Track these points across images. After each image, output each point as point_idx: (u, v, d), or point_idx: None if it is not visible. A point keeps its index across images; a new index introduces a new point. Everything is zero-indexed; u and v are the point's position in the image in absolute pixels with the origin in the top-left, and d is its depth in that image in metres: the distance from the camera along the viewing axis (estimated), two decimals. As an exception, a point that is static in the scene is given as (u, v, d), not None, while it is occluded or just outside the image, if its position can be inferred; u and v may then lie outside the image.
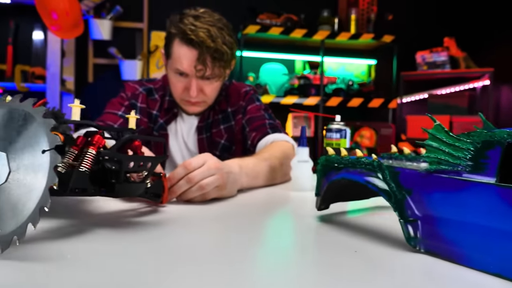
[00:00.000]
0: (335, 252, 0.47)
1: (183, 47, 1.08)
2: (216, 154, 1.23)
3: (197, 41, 1.05)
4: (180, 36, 1.08)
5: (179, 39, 1.09)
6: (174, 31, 1.10)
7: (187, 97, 1.14)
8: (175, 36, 1.10)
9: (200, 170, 0.72)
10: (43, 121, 0.43)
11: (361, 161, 0.55)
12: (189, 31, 1.05)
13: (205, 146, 1.23)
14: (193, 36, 1.05)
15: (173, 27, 1.10)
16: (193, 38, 1.05)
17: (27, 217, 0.41)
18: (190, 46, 1.07)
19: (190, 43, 1.07)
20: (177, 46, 1.09)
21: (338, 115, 0.94)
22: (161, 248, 0.47)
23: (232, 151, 1.24)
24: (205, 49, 1.06)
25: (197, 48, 1.06)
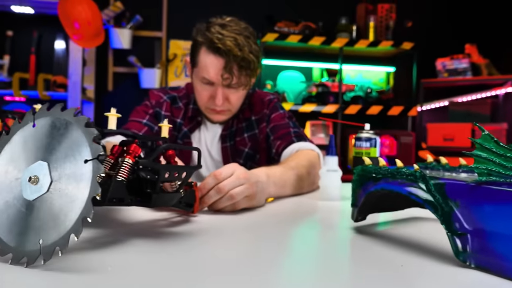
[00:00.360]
0: (379, 266, 0.45)
1: (210, 56, 1.08)
2: (240, 162, 1.22)
3: (224, 50, 1.05)
4: (207, 44, 1.08)
5: (205, 47, 1.09)
6: (200, 39, 1.10)
7: (213, 105, 1.14)
8: (201, 44, 1.10)
9: (229, 180, 0.71)
10: (85, 131, 0.43)
11: (402, 172, 0.54)
12: (216, 39, 1.05)
13: (229, 154, 1.23)
14: (220, 45, 1.05)
15: (200, 36, 1.10)
16: (220, 47, 1.05)
17: (70, 228, 0.40)
18: (217, 55, 1.07)
19: (217, 52, 1.06)
20: (204, 54, 1.09)
21: (367, 124, 0.92)
22: (195, 259, 0.46)
23: (256, 159, 1.23)
24: (232, 57, 1.05)
25: (224, 57, 1.06)
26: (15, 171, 0.45)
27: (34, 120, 0.46)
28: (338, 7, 3.17)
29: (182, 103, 1.24)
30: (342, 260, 0.48)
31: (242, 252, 0.51)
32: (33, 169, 0.43)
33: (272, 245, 0.54)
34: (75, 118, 0.44)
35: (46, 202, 0.42)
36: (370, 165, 0.60)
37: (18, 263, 0.41)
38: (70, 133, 0.43)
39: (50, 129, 0.44)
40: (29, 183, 0.43)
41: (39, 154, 0.44)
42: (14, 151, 0.46)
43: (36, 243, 0.41)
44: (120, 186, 0.49)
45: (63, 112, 0.45)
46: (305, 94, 3.01)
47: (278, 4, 3.12)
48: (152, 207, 0.54)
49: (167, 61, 2.99)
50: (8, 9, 2.66)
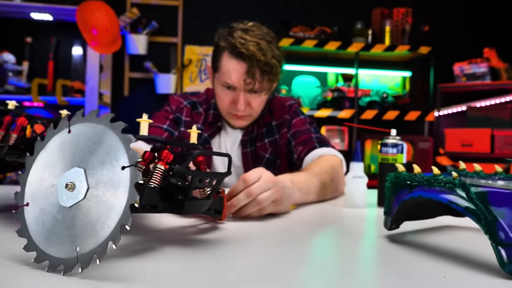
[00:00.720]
0: (420, 277, 0.43)
1: (232, 61, 1.07)
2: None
3: (247, 55, 1.04)
4: (229, 49, 1.08)
5: (228, 52, 1.08)
6: (223, 44, 1.09)
7: (234, 110, 1.13)
8: (224, 49, 1.09)
9: (258, 184, 0.70)
10: (122, 137, 0.42)
11: (439, 179, 0.52)
12: (239, 44, 1.05)
13: (249, 160, 1.22)
14: (243, 50, 1.04)
15: (222, 41, 1.10)
16: (243, 52, 1.04)
17: (108, 235, 0.39)
18: (240, 60, 1.06)
19: (239, 57, 1.06)
20: (226, 59, 1.09)
21: (393, 129, 0.90)
22: (229, 268, 0.45)
23: (277, 165, 1.22)
24: (255, 62, 1.05)
25: (247, 62, 1.05)
26: (50, 177, 0.45)
27: (70, 126, 0.46)
28: (353, 12, 3.15)
29: (202, 109, 1.24)
30: (380, 271, 0.47)
31: (274, 260, 0.50)
32: (69, 176, 0.43)
33: (303, 254, 0.53)
34: (112, 124, 0.43)
35: (83, 209, 0.41)
36: (404, 172, 0.59)
37: (55, 270, 0.41)
38: (106, 139, 0.43)
39: (85, 135, 0.44)
40: (66, 190, 0.42)
41: (75, 160, 0.44)
42: (49, 158, 0.45)
43: (73, 250, 0.41)
44: (153, 192, 0.49)
45: (99, 118, 0.44)
46: (320, 99, 2.99)
47: (293, 9, 3.12)
48: (183, 214, 0.53)
49: (182, 67, 3.00)
50: (27, 16, 2.71)
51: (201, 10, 3.04)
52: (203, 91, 1.30)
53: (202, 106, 1.25)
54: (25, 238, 0.44)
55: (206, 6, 3.04)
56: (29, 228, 0.44)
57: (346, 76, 3.08)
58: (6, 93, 2.57)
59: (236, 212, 0.71)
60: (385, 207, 0.60)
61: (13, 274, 0.41)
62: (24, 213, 0.45)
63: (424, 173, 0.56)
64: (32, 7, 2.56)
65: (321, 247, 0.58)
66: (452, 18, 3.30)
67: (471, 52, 3.07)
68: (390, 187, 0.60)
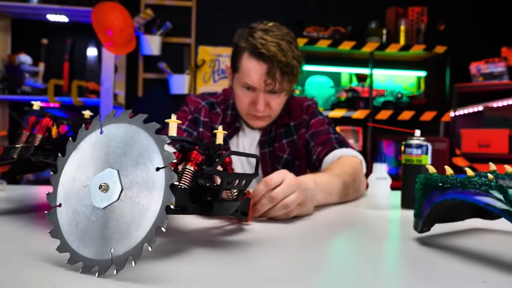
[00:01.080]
0: (459, 282, 0.42)
1: (253, 61, 1.07)
2: (278, 169, 1.20)
3: (268, 55, 1.04)
4: (250, 50, 1.07)
5: (248, 53, 1.08)
6: (243, 45, 1.09)
7: (253, 111, 1.13)
8: (244, 50, 1.09)
9: (281, 187, 0.69)
10: (156, 138, 0.42)
11: (474, 181, 0.51)
12: (260, 45, 1.04)
13: (267, 160, 1.21)
14: (263, 50, 1.04)
15: (243, 41, 1.09)
16: (263, 52, 1.04)
17: (143, 237, 0.39)
18: (260, 60, 1.05)
19: (260, 57, 1.05)
20: (246, 60, 1.08)
21: (417, 130, 0.89)
22: (256, 270, 0.44)
23: (295, 166, 1.21)
24: (275, 63, 1.04)
25: (267, 62, 1.05)
26: (83, 178, 0.44)
27: (102, 127, 0.45)
28: (367, 11, 3.13)
29: (220, 109, 1.24)
30: (415, 275, 0.46)
31: (301, 262, 0.49)
32: (103, 177, 0.43)
33: (330, 256, 0.52)
34: (145, 125, 0.43)
35: (117, 210, 0.41)
36: (435, 174, 0.58)
37: (89, 272, 0.41)
38: (139, 140, 0.42)
39: (118, 136, 0.44)
40: (99, 191, 0.42)
41: (107, 161, 0.43)
42: (82, 158, 0.45)
43: (107, 252, 0.40)
44: (184, 194, 0.48)
45: (132, 118, 0.44)
46: (334, 99, 2.98)
47: (307, 9, 3.11)
48: (212, 216, 0.53)
49: (196, 67, 3.01)
50: (44, 18, 2.74)
51: (215, 11, 3.04)
52: (220, 92, 1.30)
53: (220, 106, 1.24)
54: (58, 239, 0.44)
55: (220, 7, 3.04)
56: (62, 229, 0.44)
57: (360, 76, 3.06)
58: (23, 94, 2.60)
59: (263, 214, 0.70)
60: (415, 209, 0.59)
61: (47, 275, 0.41)
62: (56, 214, 0.45)
63: (457, 175, 0.55)
64: (48, 8, 2.59)
65: (348, 250, 0.57)
66: (468, 17, 3.25)
67: (488, 51, 3.02)
68: (421, 189, 0.58)
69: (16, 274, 0.40)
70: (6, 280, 0.38)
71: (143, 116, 0.43)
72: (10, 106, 2.83)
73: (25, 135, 0.74)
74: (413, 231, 0.61)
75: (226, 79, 3.06)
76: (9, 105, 2.83)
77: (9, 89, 2.61)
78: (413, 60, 3.19)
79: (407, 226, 0.70)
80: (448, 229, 0.67)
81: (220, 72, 3.06)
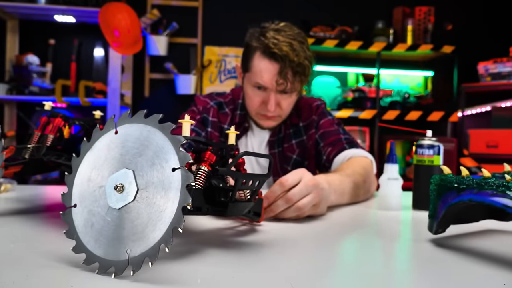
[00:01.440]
0: (479, 284, 0.42)
1: (265, 61, 1.06)
2: (287, 169, 1.20)
3: (280, 55, 1.03)
4: (262, 49, 1.06)
5: (260, 52, 1.07)
6: (255, 44, 1.08)
7: (264, 111, 1.12)
8: (256, 49, 1.08)
9: (297, 188, 0.69)
10: (172, 138, 0.42)
11: (490, 182, 0.50)
12: (272, 44, 1.04)
13: (277, 161, 1.21)
14: (276, 50, 1.03)
15: (254, 41, 1.09)
16: (276, 52, 1.03)
17: (160, 238, 0.39)
18: (272, 60, 1.05)
19: (272, 57, 1.05)
20: (258, 59, 1.08)
21: (429, 130, 0.88)
22: (271, 271, 0.44)
23: (305, 166, 1.20)
24: (288, 63, 1.03)
25: (279, 62, 1.04)
26: (98, 178, 0.44)
27: (116, 127, 0.45)
28: (374, 11, 3.11)
29: (228, 109, 1.23)
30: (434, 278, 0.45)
31: (315, 262, 0.48)
32: (118, 177, 0.42)
33: (345, 257, 0.52)
34: (160, 125, 0.43)
35: (133, 211, 0.41)
36: (450, 175, 0.57)
37: (105, 273, 0.40)
38: (155, 140, 0.42)
39: (133, 136, 0.44)
40: (115, 191, 0.42)
41: (123, 161, 0.43)
42: (97, 159, 0.45)
43: (123, 253, 0.40)
44: (198, 194, 0.48)
45: (147, 119, 0.44)
46: (340, 99, 2.96)
47: (313, 9, 3.10)
48: (226, 216, 0.52)
49: (202, 67, 3.01)
50: (51, 19, 2.76)
51: (221, 11, 3.04)
52: (228, 92, 1.29)
53: (229, 106, 1.24)
54: (73, 239, 0.43)
55: (226, 7, 3.04)
56: (77, 229, 0.44)
57: (367, 76, 3.05)
58: (31, 94, 2.62)
59: (275, 215, 0.70)
60: (430, 210, 0.58)
61: (63, 275, 0.40)
62: (72, 215, 0.44)
63: (472, 176, 0.54)
64: (56, 9, 2.60)
65: (360, 251, 0.56)
66: (475, 16, 3.23)
67: (496, 51, 3.00)
68: (435, 190, 0.58)
69: (32, 275, 0.40)
70: (23, 281, 0.38)
71: (158, 116, 0.43)
72: (18, 106, 2.85)
73: (37, 135, 0.74)
74: (426, 232, 0.61)
75: (232, 79, 3.06)
76: (17, 105, 2.84)
77: (17, 89, 2.62)
78: (420, 60, 3.17)
79: (420, 227, 0.69)
80: (462, 231, 0.66)
81: (227, 72, 3.06)
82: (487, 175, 0.52)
